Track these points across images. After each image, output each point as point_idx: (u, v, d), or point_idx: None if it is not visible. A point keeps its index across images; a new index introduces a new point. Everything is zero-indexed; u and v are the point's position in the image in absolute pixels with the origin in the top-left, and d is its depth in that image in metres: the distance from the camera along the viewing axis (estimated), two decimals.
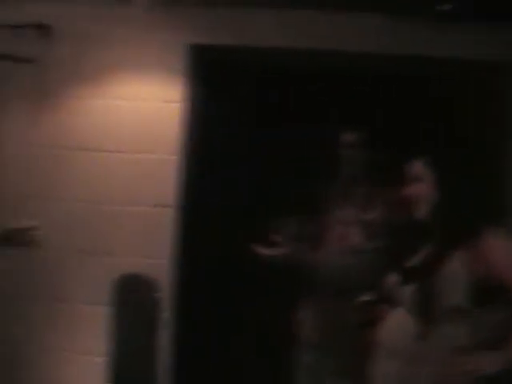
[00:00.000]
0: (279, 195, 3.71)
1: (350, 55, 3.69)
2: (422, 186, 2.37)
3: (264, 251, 3.22)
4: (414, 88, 3.77)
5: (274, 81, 3.85)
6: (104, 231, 3.83)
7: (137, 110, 3.80)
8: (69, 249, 3.81)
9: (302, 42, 3.72)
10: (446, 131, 3.57)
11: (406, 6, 3.49)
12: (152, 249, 3.78)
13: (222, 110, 3.91)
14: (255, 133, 3.94)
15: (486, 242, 2.26)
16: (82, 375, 3.85)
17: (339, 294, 3.11)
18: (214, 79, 3.82)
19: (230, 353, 3.87)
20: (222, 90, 3.89)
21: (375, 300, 2.52)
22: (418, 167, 2.40)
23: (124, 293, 3.75)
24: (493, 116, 3.71)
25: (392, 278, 2.43)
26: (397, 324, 2.37)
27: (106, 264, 3.80)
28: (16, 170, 3.86)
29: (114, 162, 3.82)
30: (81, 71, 3.85)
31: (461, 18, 3.50)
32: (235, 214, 3.90)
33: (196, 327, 3.84)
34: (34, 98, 3.87)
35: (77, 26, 3.86)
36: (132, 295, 3.75)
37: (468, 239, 2.27)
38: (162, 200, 3.76)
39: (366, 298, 2.56)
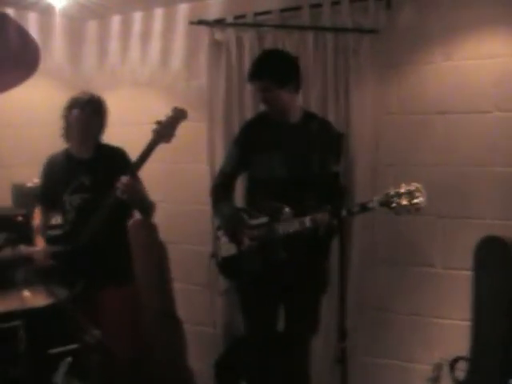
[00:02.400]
0: None
1: None
2: None
3: None
4: None
5: None
6: (465, 194, 3.82)
7: (485, 68, 3.73)
8: (433, 213, 3.82)
9: None
10: None
11: None
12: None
13: None
14: None
15: None
16: (446, 340, 3.89)
17: None
18: None
19: None
20: None
21: None
22: None
23: (485, 256, 3.68)
24: None
25: None
26: None
27: (468, 227, 3.80)
28: (375, 138, 3.99)
29: (470, 123, 3.78)
30: (427, 36, 3.86)
31: None
32: None
33: None
34: (383, 66, 3.97)
35: None
36: (493, 258, 3.66)
37: None
38: None
39: None
